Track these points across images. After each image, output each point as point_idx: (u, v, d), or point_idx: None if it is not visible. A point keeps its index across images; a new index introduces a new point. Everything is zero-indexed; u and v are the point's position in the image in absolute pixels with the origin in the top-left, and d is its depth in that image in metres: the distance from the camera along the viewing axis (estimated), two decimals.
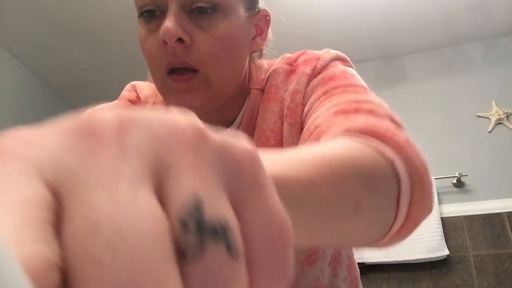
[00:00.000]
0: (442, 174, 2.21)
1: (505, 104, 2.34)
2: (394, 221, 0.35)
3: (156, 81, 0.56)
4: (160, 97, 0.66)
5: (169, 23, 0.50)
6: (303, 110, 0.57)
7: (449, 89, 2.48)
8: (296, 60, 0.64)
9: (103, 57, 2.65)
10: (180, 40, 0.51)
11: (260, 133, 0.60)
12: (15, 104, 2.64)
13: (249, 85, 0.65)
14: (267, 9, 0.62)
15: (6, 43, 2.56)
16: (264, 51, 0.70)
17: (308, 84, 0.58)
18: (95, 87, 2.91)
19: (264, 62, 0.69)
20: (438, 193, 2.16)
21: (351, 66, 0.61)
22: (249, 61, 0.67)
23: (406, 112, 2.47)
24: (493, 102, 2.36)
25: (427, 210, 0.39)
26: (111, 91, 0.72)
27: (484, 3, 2.30)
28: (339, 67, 0.59)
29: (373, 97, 0.50)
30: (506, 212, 2.09)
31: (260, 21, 0.61)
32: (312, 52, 0.64)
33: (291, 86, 0.59)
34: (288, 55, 0.68)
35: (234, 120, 0.64)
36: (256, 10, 0.60)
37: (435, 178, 2.18)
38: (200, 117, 0.16)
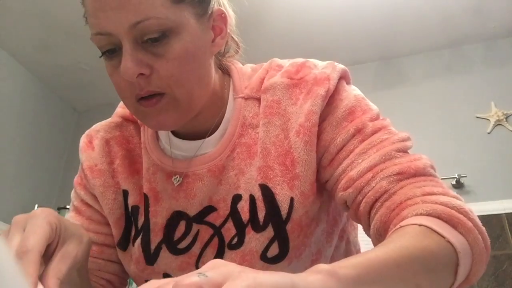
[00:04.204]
0: (441, 175, 2.18)
1: (504, 105, 2.34)
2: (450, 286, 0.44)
3: (129, 109, 0.60)
4: None
5: (126, 63, 0.53)
6: (318, 129, 0.61)
7: (448, 90, 2.48)
8: (296, 73, 0.64)
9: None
10: (140, 73, 0.54)
11: (263, 146, 0.62)
12: (14, 104, 2.64)
13: (232, 94, 0.66)
14: (221, 7, 0.62)
15: (6, 43, 2.56)
16: (241, 46, 0.71)
17: (323, 105, 0.61)
18: (94, 88, 2.91)
19: (248, 68, 0.70)
20: None
21: (350, 79, 0.66)
22: (231, 68, 0.69)
23: (405, 113, 2.47)
24: (492, 103, 2.36)
25: (481, 274, 0.48)
26: (111, 91, 0.72)
27: (484, 5, 2.30)
28: (348, 91, 0.64)
29: (389, 124, 0.61)
30: (505, 213, 2.09)
31: (216, 21, 0.61)
32: (312, 64, 0.65)
33: (306, 106, 0.61)
34: (277, 61, 0.68)
35: (210, 128, 0.64)
36: (209, 13, 0.60)
37: None
38: (176, 130, 0.16)
